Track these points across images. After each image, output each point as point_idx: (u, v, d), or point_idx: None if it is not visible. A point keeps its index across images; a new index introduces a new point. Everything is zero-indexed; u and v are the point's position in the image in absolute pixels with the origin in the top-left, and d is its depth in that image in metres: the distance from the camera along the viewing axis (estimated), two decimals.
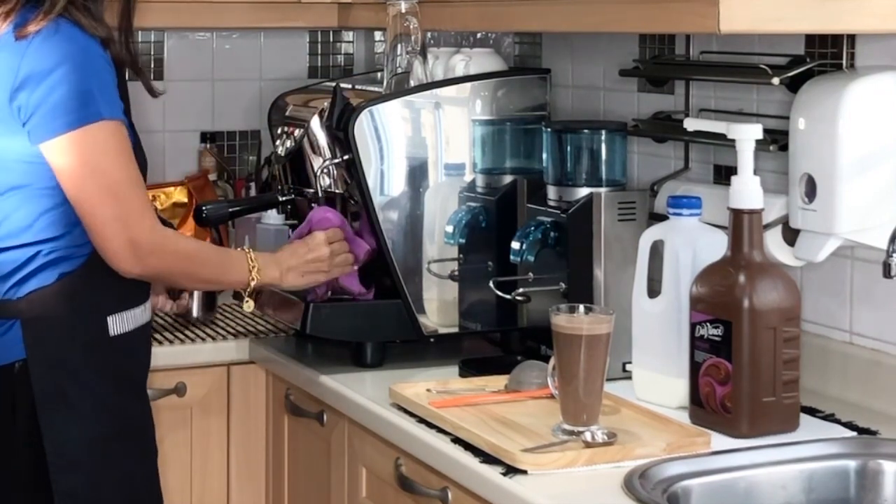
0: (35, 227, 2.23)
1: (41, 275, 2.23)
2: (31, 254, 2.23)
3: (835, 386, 2.37)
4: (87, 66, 2.19)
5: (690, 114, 2.65)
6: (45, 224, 2.23)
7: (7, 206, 2.23)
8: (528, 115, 2.80)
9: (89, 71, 2.19)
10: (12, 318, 2.23)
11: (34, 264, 2.23)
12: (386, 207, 2.71)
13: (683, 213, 2.30)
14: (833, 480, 2.07)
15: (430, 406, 2.28)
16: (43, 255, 2.23)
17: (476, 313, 2.73)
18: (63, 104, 2.16)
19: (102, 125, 2.19)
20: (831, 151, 2.20)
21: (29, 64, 2.17)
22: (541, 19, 2.50)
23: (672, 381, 2.28)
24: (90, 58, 2.21)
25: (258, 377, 2.96)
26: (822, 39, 2.36)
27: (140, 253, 2.22)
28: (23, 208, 2.22)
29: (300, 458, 2.81)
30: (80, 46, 2.20)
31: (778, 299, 2.14)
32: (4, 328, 2.23)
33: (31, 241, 2.23)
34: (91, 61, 2.20)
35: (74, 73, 2.17)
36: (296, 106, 2.97)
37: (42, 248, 2.23)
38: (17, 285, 2.23)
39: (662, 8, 2.15)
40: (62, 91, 2.16)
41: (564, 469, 2.01)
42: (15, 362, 2.22)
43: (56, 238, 2.23)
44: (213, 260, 2.43)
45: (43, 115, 2.17)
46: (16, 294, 2.23)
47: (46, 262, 2.23)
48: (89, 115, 2.18)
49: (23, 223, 2.23)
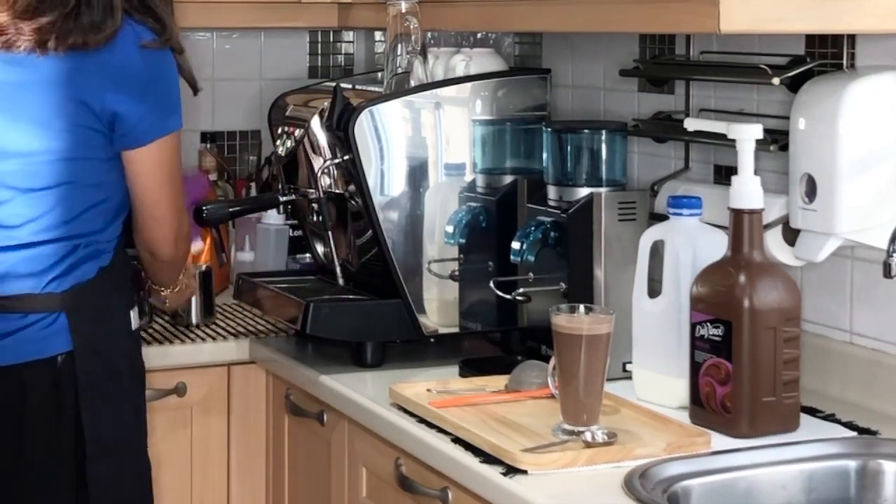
0: (76, 222, 2.29)
1: (82, 268, 2.30)
2: (71, 248, 2.29)
3: (835, 386, 2.37)
4: (174, 77, 2.35)
5: (690, 114, 2.65)
6: (87, 219, 2.30)
7: (52, 199, 2.28)
8: (528, 115, 2.80)
9: (175, 82, 2.35)
10: (57, 311, 2.28)
11: (73, 258, 2.29)
12: (386, 207, 2.71)
13: (684, 213, 2.30)
14: (833, 480, 2.07)
15: (430, 406, 2.28)
16: (82, 249, 2.30)
17: (476, 313, 2.73)
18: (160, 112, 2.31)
19: (178, 133, 2.37)
20: (831, 151, 2.20)
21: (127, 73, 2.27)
22: (541, 19, 2.50)
23: (672, 381, 2.28)
24: (175, 70, 2.35)
25: (258, 377, 2.96)
26: (822, 39, 2.36)
27: (180, 237, 2.42)
28: (67, 202, 2.29)
29: (300, 458, 2.81)
30: (171, 59, 2.34)
31: (778, 299, 2.14)
32: (48, 321, 2.28)
33: (70, 234, 2.29)
34: (175, 73, 2.35)
35: (168, 83, 2.33)
36: (296, 106, 2.97)
37: (80, 241, 2.30)
38: (60, 278, 2.28)
39: (662, 8, 2.15)
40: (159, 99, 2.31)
41: (564, 469, 2.01)
42: (58, 355, 2.28)
43: (93, 233, 2.31)
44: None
45: (138, 123, 2.29)
46: (59, 287, 2.28)
47: (85, 255, 2.31)
48: (174, 124, 2.34)
49: (65, 217, 2.28)
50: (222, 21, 3.40)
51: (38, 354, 2.28)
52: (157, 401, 2.81)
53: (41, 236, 2.28)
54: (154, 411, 2.68)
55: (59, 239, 2.28)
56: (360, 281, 2.82)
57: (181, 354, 2.92)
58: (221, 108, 3.72)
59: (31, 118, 2.26)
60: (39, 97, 2.26)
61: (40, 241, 2.28)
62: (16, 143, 2.27)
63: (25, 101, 2.26)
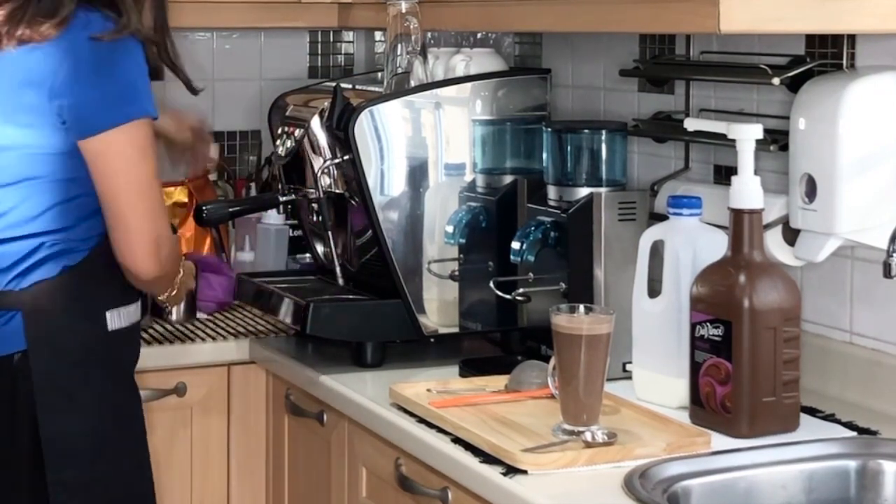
0: (41, 219, 2.23)
1: (44, 267, 2.24)
2: (35, 245, 2.23)
3: (835, 386, 2.37)
4: (133, 64, 2.22)
5: (690, 114, 2.65)
6: (53, 216, 2.24)
7: (16, 195, 2.23)
8: (528, 115, 2.79)
9: (136, 69, 2.22)
10: (14, 309, 2.23)
11: (37, 256, 2.23)
12: (386, 207, 2.71)
13: (683, 213, 2.30)
14: (833, 480, 2.07)
15: (430, 406, 2.28)
16: (46, 247, 2.24)
17: (476, 313, 2.73)
18: (111, 100, 2.19)
19: (144, 121, 2.23)
20: (831, 151, 2.20)
21: (73, 61, 2.18)
22: (541, 19, 2.50)
23: (672, 381, 2.28)
24: (137, 56, 2.23)
25: (258, 377, 2.96)
26: (822, 39, 2.36)
27: (161, 252, 2.25)
28: (32, 199, 2.23)
29: (300, 458, 2.81)
30: (128, 44, 2.22)
31: (778, 299, 2.14)
32: (5, 319, 2.24)
33: (35, 231, 2.23)
34: (137, 60, 2.23)
35: (122, 69, 2.21)
36: (296, 106, 2.97)
37: (45, 239, 2.24)
38: (20, 276, 2.24)
39: (662, 8, 2.15)
40: (109, 87, 2.19)
41: (564, 469, 2.01)
42: (15, 353, 2.23)
43: (60, 230, 2.24)
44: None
45: (91, 111, 2.18)
46: (18, 285, 2.24)
47: (50, 254, 2.24)
48: (136, 110, 2.21)
49: (30, 213, 2.23)
50: (222, 21, 3.40)
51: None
52: (156, 401, 2.81)
53: (6, 233, 2.23)
54: (154, 411, 2.68)
55: (24, 237, 2.23)
56: (360, 281, 2.82)
57: (181, 354, 2.92)
58: (221, 108, 3.72)
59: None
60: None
61: (5, 238, 2.23)
62: None
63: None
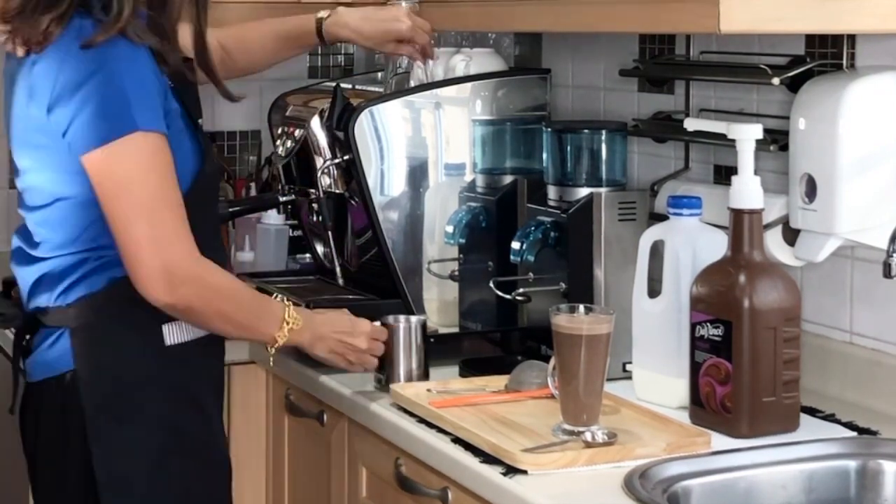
0: (83, 238, 2.13)
1: (90, 279, 2.14)
2: (80, 259, 2.14)
3: (835, 386, 2.37)
4: (125, 74, 2.06)
5: (690, 114, 2.65)
6: (93, 234, 2.13)
7: (52, 217, 2.14)
8: (528, 115, 2.80)
9: (128, 80, 2.06)
10: (61, 326, 2.14)
11: (83, 269, 2.14)
12: (386, 207, 2.71)
13: (683, 213, 2.30)
14: (833, 480, 2.07)
15: (430, 406, 2.28)
16: (93, 261, 2.14)
17: (476, 313, 2.73)
18: (98, 115, 2.05)
19: (137, 137, 2.05)
20: (831, 151, 2.20)
21: (66, 73, 2.07)
22: (541, 19, 2.50)
23: (672, 381, 2.28)
24: (131, 66, 2.07)
25: (258, 377, 2.96)
26: (822, 39, 2.36)
27: (174, 280, 2.06)
28: (68, 220, 2.13)
29: (300, 458, 2.81)
30: (119, 54, 2.07)
31: (778, 299, 2.14)
32: (54, 337, 2.15)
33: (78, 249, 2.14)
34: (132, 70, 2.07)
35: (111, 81, 2.05)
36: (296, 106, 2.97)
37: (91, 254, 2.14)
38: (66, 292, 2.14)
39: (662, 8, 2.15)
40: (97, 101, 2.04)
41: (564, 469, 2.01)
42: (65, 373, 2.13)
43: (105, 247, 2.12)
44: (250, 304, 2.25)
45: (80, 127, 2.05)
46: (64, 301, 2.14)
47: (96, 266, 2.14)
48: (124, 125, 2.05)
49: (70, 235, 2.14)
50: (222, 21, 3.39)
51: (49, 372, 2.16)
52: None
53: (54, 251, 2.15)
54: None
55: (69, 253, 2.14)
56: (360, 281, 2.82)
57: None
58: (221, 108, 3.72)
59: (15, 132, 2.17)
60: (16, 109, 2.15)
61: (54, 255, 2.15)
62: (19, 160, 2.18)
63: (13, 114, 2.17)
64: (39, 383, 2.18)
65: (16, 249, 2.24)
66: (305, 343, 2.32)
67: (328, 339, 2.34)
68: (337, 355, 2.37)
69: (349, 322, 2.39)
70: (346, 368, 2.42)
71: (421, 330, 2.47)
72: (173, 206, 2.09)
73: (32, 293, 2.20)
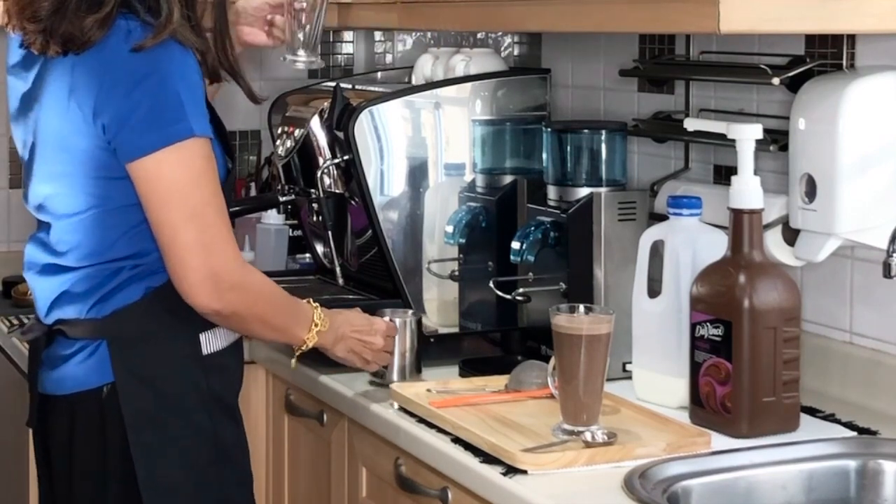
0: (117, 247, 2.10)
1: (126, 290, 2.10)
2: (115, 269, 2.10)
3: (835, 386, 2.37)
4: (179, 78, 2.03)
5: (690, 114, 2.65)
6: (129, 241, 2.09)
7: (87, 224, 2.10)
8: (528, 115, 2.80)
9: (182, 83, 2.03)
10: (98, 338, 2.10)
11: (118, 279, 2.10)
12: (386, 207, 2.71)
13: (683, 213, 2.30)
14: (833, 480, 2.07)
15: (430, 406, 2.28)
16: (128, 270, 2.10)
17: (476, 313, 2.74)
18: (152, 119, 2.01)
19: (192, 142, 2.02)
20: (831, 151, 2.20)
21: (114, 76, 2.02)
22: (541, 19, 2.50)
23: (672, 381, 2.28)
24: (183, 69, 2.04)
25: (258, 377, 2.95)
26: (822, 39, 2.36)
27: (221, 286, 2.05)
28: (103, 227, 2.09)
29: (300, 458, 2.81)
30: (172, 57, 2.03)
31: (778, 299, 2.14)
32: (90, 349, 2.11)
33: (114, 258, 2.10)
34: (185, 73, 2.04)
35: (164, 85, 2.01)
36: (296, 106, 2.97)
37: (126, 263, 2.10)
38: (101, 302, 2.10)
39: (662, 8, 2.15)
40: (150, 105, 2.01)
41: (564, 469, 2.01)
42: (104, 385, 2.10)
43: (141, 254, 2.10)
44: (286, 308, 2.23)
45: (131, 131, 2.01)
46: (100, 312, 2.11)
47: (132, 276, 2.10)
48: (181, 130, 2.01)
49: (105, 242, 2.10)
50: None
51: (84, 385, 2.12)
52: None
53: (85, 261, 2.10)
54: None
55: (102, 263, 2.09)
56: (360, 281, 2.82)
57: None
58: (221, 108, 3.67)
59: (49, 135, 2.10)
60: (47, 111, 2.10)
61: (84, 265, 2.10)
62: (46, 165, 2.12)
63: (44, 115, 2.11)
64: (69, 396, 2.14)
65: (32, 260, 2.18)
66: (328, 344, 2.31)
67: (348, 338, 2.34)
68: (355, 354, 2.36)
69: (366, 321, 2.39)
70: (362, 367, 2.41)
71: (416, 325, 2.49)
72: (221, 211, 2.09)
73: (55, 305, 2.15)
